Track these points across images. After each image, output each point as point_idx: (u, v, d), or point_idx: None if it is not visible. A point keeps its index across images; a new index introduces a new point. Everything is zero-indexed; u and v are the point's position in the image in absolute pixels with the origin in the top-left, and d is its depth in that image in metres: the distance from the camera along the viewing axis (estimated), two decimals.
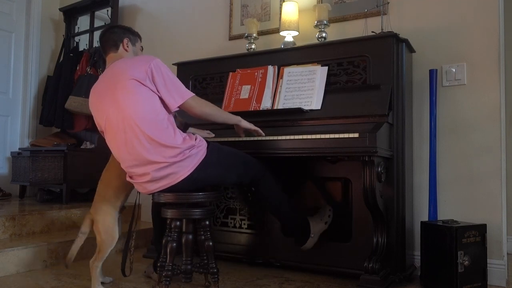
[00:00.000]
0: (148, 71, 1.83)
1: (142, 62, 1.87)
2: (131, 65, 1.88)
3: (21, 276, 2.26)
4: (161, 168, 1.81)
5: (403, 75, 2.21)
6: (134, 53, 2.09)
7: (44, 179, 3.28)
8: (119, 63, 1.93)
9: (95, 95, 1.96)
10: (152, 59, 1.88)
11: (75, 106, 3.54)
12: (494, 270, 2.18)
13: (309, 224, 2.20)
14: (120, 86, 1.84)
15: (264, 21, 3.03)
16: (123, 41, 2.05)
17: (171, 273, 1.83)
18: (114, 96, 1.85)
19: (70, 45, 4.00)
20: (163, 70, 1.87)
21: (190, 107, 1.93)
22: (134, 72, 1.83)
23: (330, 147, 2.00)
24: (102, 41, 2.07)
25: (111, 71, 1.94)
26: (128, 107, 1.82)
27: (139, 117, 1.81)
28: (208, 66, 2.80)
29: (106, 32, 2.08)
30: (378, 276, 1.96)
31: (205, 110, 1.98)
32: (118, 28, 2.11)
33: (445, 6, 2.42)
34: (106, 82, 1.93)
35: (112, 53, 2.04)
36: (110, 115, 1.86)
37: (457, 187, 2.34)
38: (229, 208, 2.69)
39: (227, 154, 1.99)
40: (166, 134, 1.82)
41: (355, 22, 2.66)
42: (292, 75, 2.42)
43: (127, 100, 1.82)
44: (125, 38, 2.06)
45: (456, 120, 2.36)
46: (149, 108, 1.83)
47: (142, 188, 1.90)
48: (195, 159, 1.84)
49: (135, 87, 1.82)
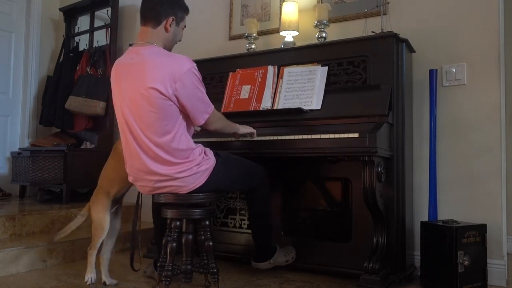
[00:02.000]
0: (177, 83, 1.69)
1: (173, 70, 1.69)
2: (161, 68, 1.70)
3: (21, 276, 2.25)
4: (164, 180, 1.79)
5: (403, 75, 2.21)
6: (175, 35, 1.88)
7: (44, 179, 3.28)
8: (150, 55, 1.74)
9: (118, 74, 1.82)
10: (183, 69, 1.70)
11: (75, 106, 3.54)
12: (494, 270, 2.18)
13: (275, 251, 2.20)
14: (140, 87, 1.70)
15: (264, 21, 3.03)
16: (168, 19, 1.81)
17: (171, 273, 1.83)
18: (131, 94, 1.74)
19: (70, 45, 4.00)
20: (194, 82, 1.74)
21: (209, 123, 1.87)
22: (159, 81, 1.67)
23: (330, 147, 2.00)
24: (144, 8, 1.82)
25: (139, 57, 1.75)
26: (140, 119, 1.72)
27: (151, 135, 1.72)
28: (208, 66, 2.80)
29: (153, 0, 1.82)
30: (378, 276, 1.96)
31: (220, 124, 1.96)
32: (167, 2, 1.82)
33: (445, 6, 2.42)
34: (130, 65, 1.77)
35: (150, 27, 1.80)
36: (122, 105, 1.78)
37: (457, 187, 2.34)
38: (229, 208, 2.69)
39: (235, 166, 1.99)
40: (176, 153, 1.75)
41: (355, 22, 2.66)
42: (292, 75, 2.42)
43: (142, 109, 1.71)
44: (172, 16, 1.82)
45: (456, 120, 2.36)
46: (164, 122, 1.71)
47: (143, 190, 1.91)
48: (201, 177, 1.82)
49: (155, 100, 1.68)
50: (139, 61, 1.75)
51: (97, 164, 3.48)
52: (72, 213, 2.93)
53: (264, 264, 2.18)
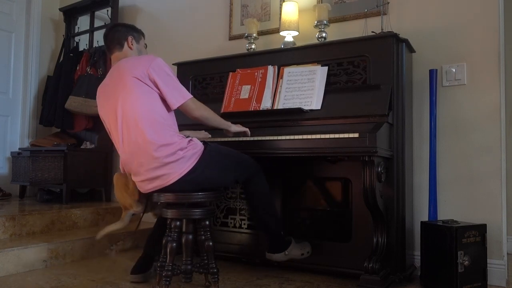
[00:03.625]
0: (150, 70, 1.86)
1: (144, 61, 1.91)
2: (133, 64, 1.92)
3: (21, 276, 2.25)
4: (152, 168, 1.82)
5: (403, 75, 2.21)
6: (139, 50, 2.11)
7: (44, 179, 3.28)
8: (123, 62, 1.97)
9: (102, 94, 2.01)
10: (154, 58, 1.91)
11: (75, 106, 3.54)
12: (494, 270, 2.18)
13: (291, 243, 2.15)
14: (122, 84, 1.88)
15: (264, 21, 3.03)
16: (127, 39, 2.07)
17: (171, 273, 1.83)
18: (116, 94, 1.89)
19: (70, 45, 4.00)
20: (165, 70, 1.91)
21: (190, 109, 1.96)
22: (136, 71, 1.87)
23: (330, 147, 2.00)
24: (107, 41, 2.08)
25: (116, 70, 1.97)
26: (127, 104, 1.86)
27: (137, 114, 1.84)
28: (208, 66, 2.80)
29: (110, 31, 2.09)
30: (378, 276, 1.96)
31: (204, 113, 2.01)
32: (121, 27, 2.12)
33: (445, 6, 2.42)
34: (111, 81, 1.97)
35: (117, 51, 2.06)
36: (114, 112, 1.90)
37: (457, 187, 2.34)
38: (229, 208, 2.69)
39: (224, 155, 1.99)
40: (161, 133, 1.84)
41: (355, 22, 2.66)
42: (292, 75, 2.42)
43: (127, 98, 1.86)
44: (129, 36, 2.08)
45: (456, 120, 2.36)
46: (148, 106, 1.86)
47: (139, 186, 1.92)
48: (188, 162, 1.84)
49: (135, 85, 1.86)
50: (119, 68, 1.96)
51: (97, 164, 3.52)
52: (72, 213, 2.93)
53: (279, 255, 2.11)
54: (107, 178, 3.55)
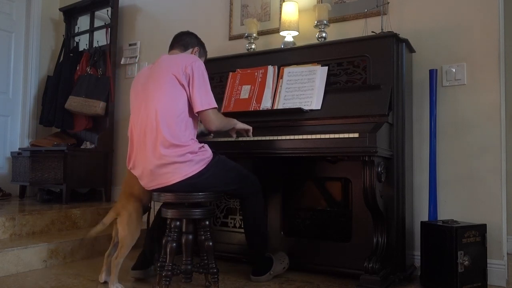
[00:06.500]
0: (188, 67, 1.90)
1: (187, 58, 1.97)
2: (175, 60, 1.96)
3: (21, 276, 2.25)
4: (159, 165, 1.83)
5: (403, 75, 2.21)
6: None
7: (44, 179, 3.28)
8: (166, 57, 2.02)
9: (137, 80, 2.05)
10: (197, 59, 1.98)
11: (75, 106, 3.54)
12: (494, 270, 2.18)
13: (272, 261, 2.21)
14: (155, 77, 1.93)
15: (264, 21, 3.03)
16: (194, 48, 2.16)
17: (171, 273, 1.83)
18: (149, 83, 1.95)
19: (70, 45, 4.00)
20: (203, 71, 1.95)
21: (209, 119, 1.95)
22: (175, 67, 1.91)
23: (330, 147, 2.00)
24: (176, 38, 2.16)
25: (158, 63, 2.01)
26: (154, 98, 1.89)
27: (160, 108, 1.86)
28: (208, 66, 2.76)
29: (184, 33, 2.18)
30: (378, 276, 1.96)
31: (219, 126, 2.01)
32: (196, 38, 2.22)
33: (445, 6, 2.42)
34: (150, 71, 2.01)
35: (177, 50, 2.11)
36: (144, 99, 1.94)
37: (457, 187, 2.34)
38: (229, 208, 2.69)
39: (230, 168, 2.03)
40: (177, 133, 1.85)
41: (355, 22, 2.66)
42: (292, 75, 2.42)
43: (156, 91, 1.90)
44: (197, 47, 2.18)
45: (456, 120, 2.36)
46: (172, 103, 1.88)
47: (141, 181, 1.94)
48: (195, 166, 1.86)
49: (169, 81, 1.89)
50: (160, 61, 2.01)
51: (97, 164, 3.52)
52: (72, 213, 2.93)
53: (265, 277, 2.18)
54: (107, 178, 3.56)
